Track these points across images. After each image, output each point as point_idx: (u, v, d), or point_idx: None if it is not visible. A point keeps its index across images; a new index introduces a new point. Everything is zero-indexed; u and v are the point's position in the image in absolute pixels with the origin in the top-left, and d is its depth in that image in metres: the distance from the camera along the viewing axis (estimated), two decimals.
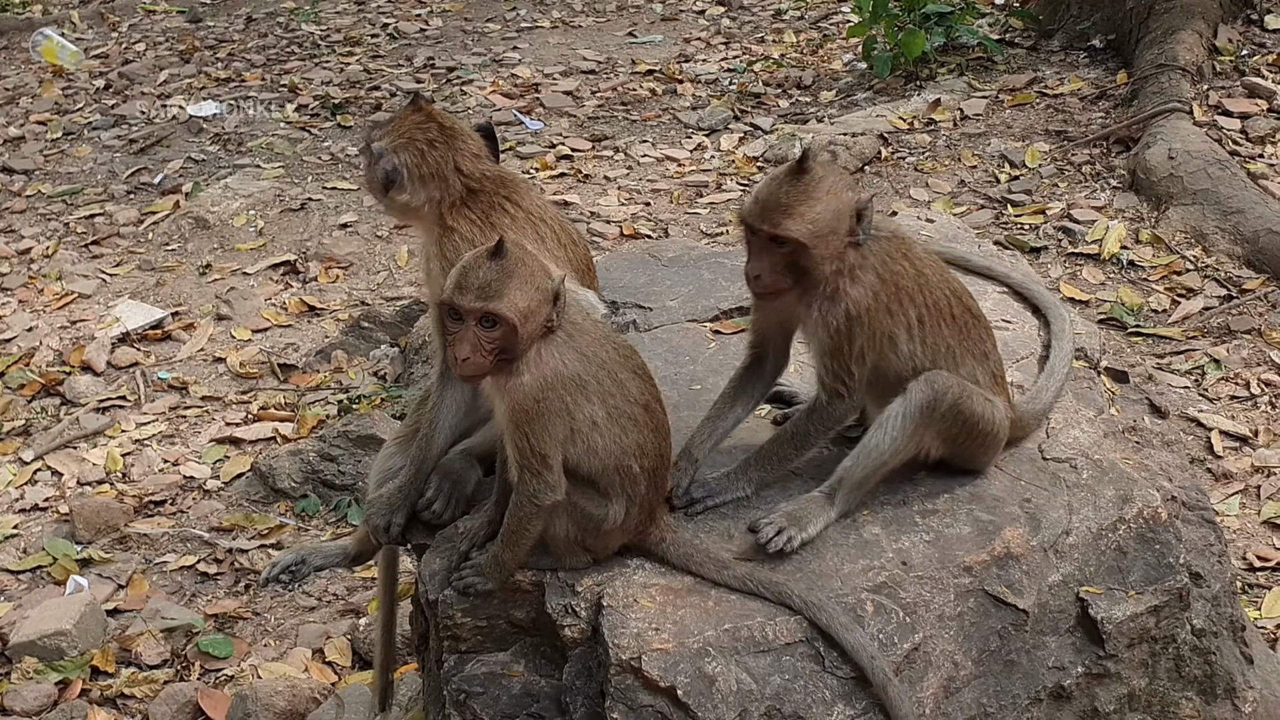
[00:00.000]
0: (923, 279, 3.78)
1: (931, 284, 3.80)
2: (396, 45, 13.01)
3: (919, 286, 3.76)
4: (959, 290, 3.89)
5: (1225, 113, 9.31)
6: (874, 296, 3.68)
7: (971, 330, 3.85)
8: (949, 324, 3.80)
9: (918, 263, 3.80)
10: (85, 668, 5.80)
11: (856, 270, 3.68)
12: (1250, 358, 7.32)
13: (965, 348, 3.81)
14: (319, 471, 6.83)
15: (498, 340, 3.44)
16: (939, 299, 3.79)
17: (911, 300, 3.74)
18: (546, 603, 3.59)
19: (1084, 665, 3.66)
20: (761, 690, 3.35)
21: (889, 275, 3.71)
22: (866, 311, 3.68)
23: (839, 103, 10.77)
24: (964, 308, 3.86)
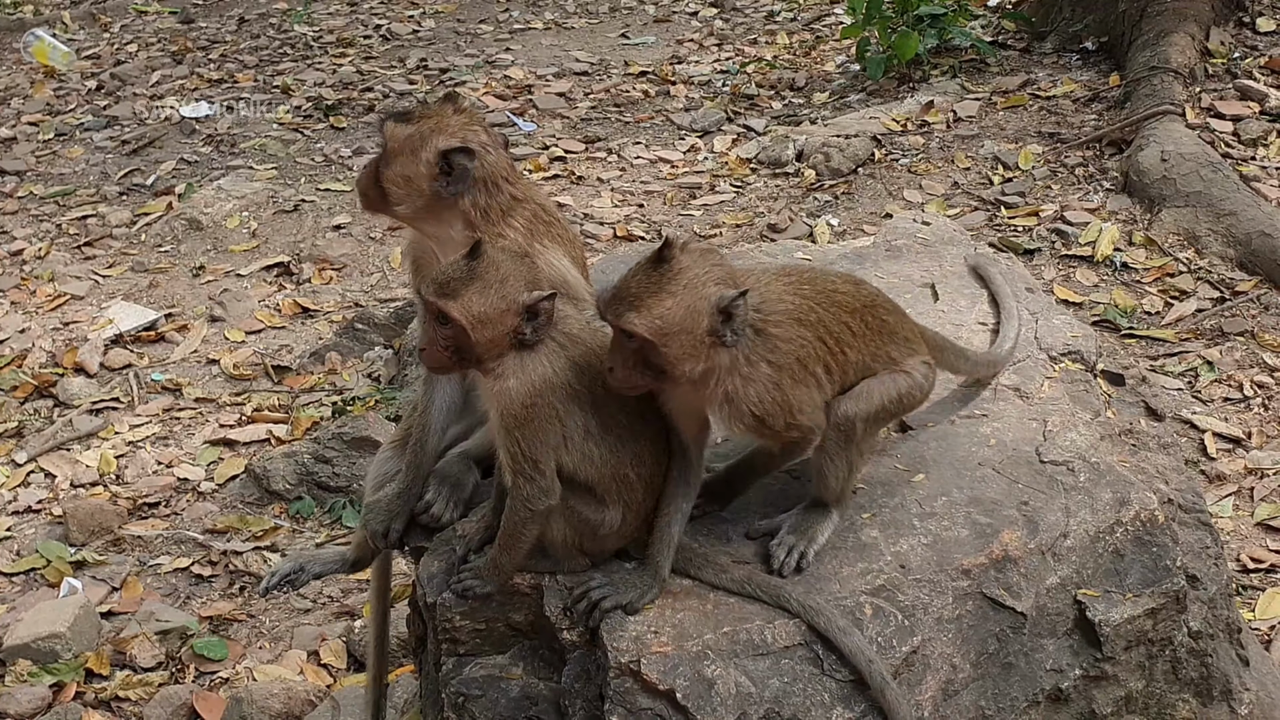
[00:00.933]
0: (819, 328, 3.56)
1: (827, 325, 3.58)
2: (389, 46, 13.01)
3: (819, 339, 3.56)
4: (853, 303, 3.68)
5: (1217, 115, 9.33)
6: (775, 386, 3.46)
7: (873, 326, 3.70)
8: (855, 344, 3.64)
9: (810, 315, 3.55)
10: (79, 670, 5.79)
11: (743, 369, 3.44)
12: (1243, 359, 7.33)
13: (874, 348, 3.70)
14: (313, 473, 6.83)
15: (450, 339, 3.47)
16: (839, 333, 3.60)
17: (817, 358, 3.55)
18: (545, 606, 3.58)
19: (1081, 667, 3.66)
20: (760, 693, 3.35)
21: (785, 357, 3.48)
22: (773, 402, 3.47)
23: (832, 104, 10.78)
24: (861, 316, 3.67)
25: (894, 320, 3.78)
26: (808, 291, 3.60)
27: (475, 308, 3.43)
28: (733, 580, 3.59)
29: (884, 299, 3.83)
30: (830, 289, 3.66)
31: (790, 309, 3.52)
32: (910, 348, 3.79)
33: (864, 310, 3.69)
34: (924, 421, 4.12)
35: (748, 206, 9.19)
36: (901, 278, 4.92)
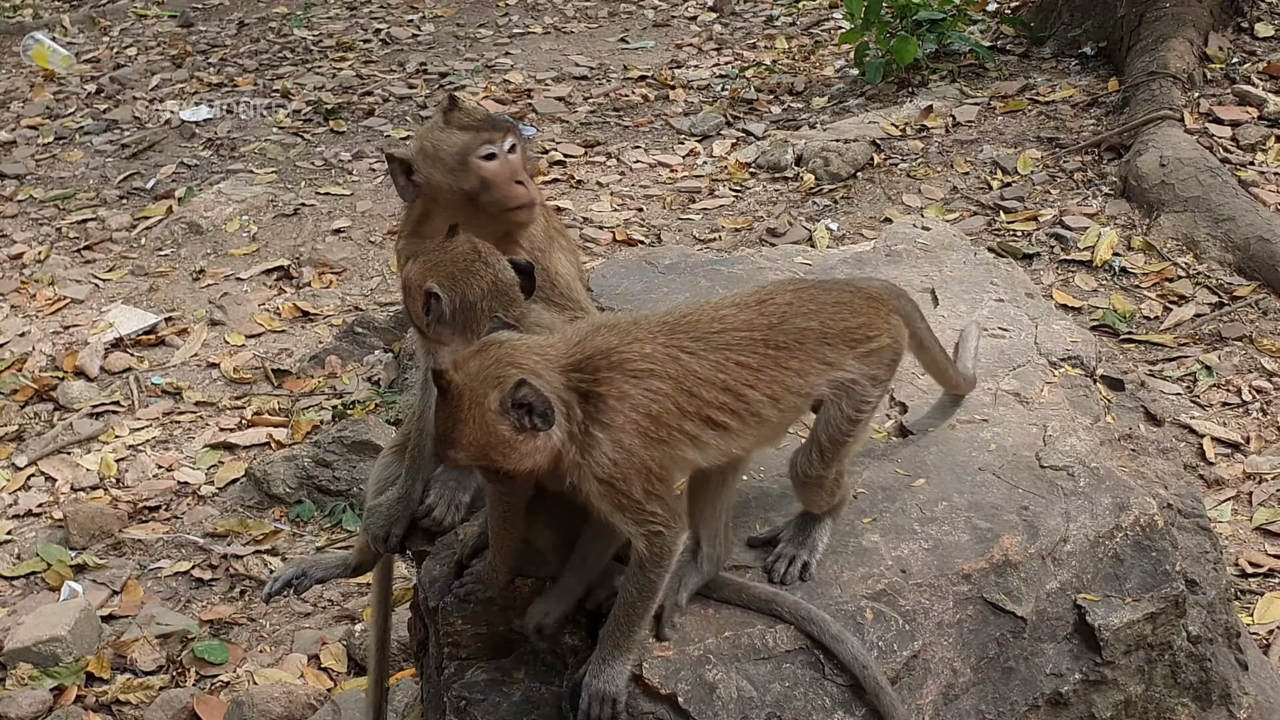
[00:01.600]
0: (682, 380, 3.32)
1: (699, 373, 3.34)
2: (389, 50, 13.02)
3: (682, 390, 3.31)
4: (748, 336, 3.43)
5: (1216, 120, 9.35)
6: (618, 446, 3.25)
7: (786, 344, 3.45)
8: (759, 380, 3.41)
9: (668, 366, 3.32)
10: (80, 674, 5.80)
11: (579, 439, 3.25)
12: (1242, 364, 7.35)
13: (795, 366, 3.45)
14: (314, 477, 6.84)
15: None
16: (723, 379, 3.37)
17: (680, 412, 3.31)
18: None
19: (1081, 672, 3.68)
20: (762, 698, 3.36)
21: (620, 416, 3.26)
22: (623, 464, 3.25)
23: (831, 109, 10.80)
24: (766, 343, 3.44)
25: (820, 321, 3.52)
26: (681, 339, 3.38)
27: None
28: (729, 590, 3.59)
29: (806, 299, 3.56)
30: (716, 330, 3.42)
31: (634, 364, 3.30)
32: (851, 339, 3.54)
33: (770, 332, 3.46)
34: (924, 427, 4.14)
35: (747, 211, 9.21)
36: (902, 283, 4.91)
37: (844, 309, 3.57)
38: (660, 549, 3.30)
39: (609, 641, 3.37)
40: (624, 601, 3.36)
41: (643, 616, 3.36)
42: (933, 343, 4.00)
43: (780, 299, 3.54)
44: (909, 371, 4.40)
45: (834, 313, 3.55)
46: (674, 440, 3.30)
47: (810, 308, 3.54)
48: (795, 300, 3.54)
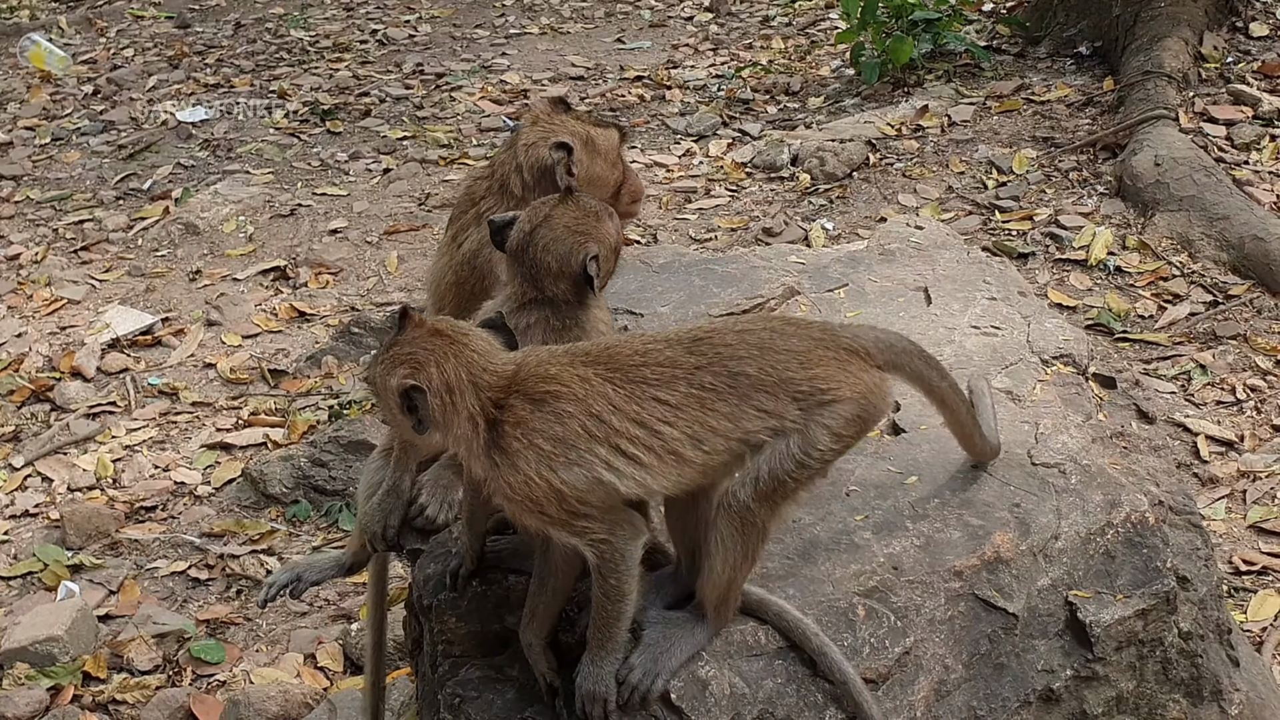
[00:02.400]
0: (594, 406, 3.25)
1: (613, 401, 3.26)
2: (385, 51, 13.04)
3: (591, 415, 3.24)
4: (670, 373, 3.31)
5: (1211, 119, 9.37)
6: (516, 473, 3.21)
7: (713, 386, 3.31)
8: (676, 418, 3.27)
9: (579, 390, 3.25)
10: (77, 673, 5.81)
11: (481, 457, 3.26)
12: (1236, 363, 7.36)
13: (723, 409, 3.30)
14: (310, 477, 6.85)
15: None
16: (636, 411, 3.26)
17: (589, 437, 3.23)
18: None
19: (1073, 668, 3.68)
20: (754, 694, 3.37)
21: (526, 447, 3.22)
22: (528, 489, 3.20)
23: (827, 109, 10.81)
24: (689, 381, 3.31)
25: (759, 366, 3.33)
26: (597, 367, 3.31)
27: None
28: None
29: (751, 342, 3.38)
30: (636, 363, 3.32)
31: (537, 387, 3.26)
32: (795, 391, 3.34)
33: (695, 372, 3.31)
34: (916, 424, 4.15)
35: (743, 210, 9.22)
36: (895, 281, 4.95)
37: (794, 358, 3.36)
38: (609, 556, 3.27)
39: (593, 644, 3.38)
40: (597, 607, 3.35)
41: (618, 618, 3.34)
42: (958, 402, 3.76)
43: (720, 339, 3.38)
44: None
45: (779, 360, 3.35)
46: (586, 463, 3.21)
47: (751, 352, 3.35)
48: (736, 342, 3.37)
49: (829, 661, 3.42)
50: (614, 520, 3.26)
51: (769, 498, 3.32)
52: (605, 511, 3.25)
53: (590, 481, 3.22)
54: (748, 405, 3.32)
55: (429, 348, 3.27)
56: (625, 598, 3.32)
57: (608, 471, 3.23)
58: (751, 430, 3.32)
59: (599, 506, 3.24)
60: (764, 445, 3.33)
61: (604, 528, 3.24)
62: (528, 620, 3.51)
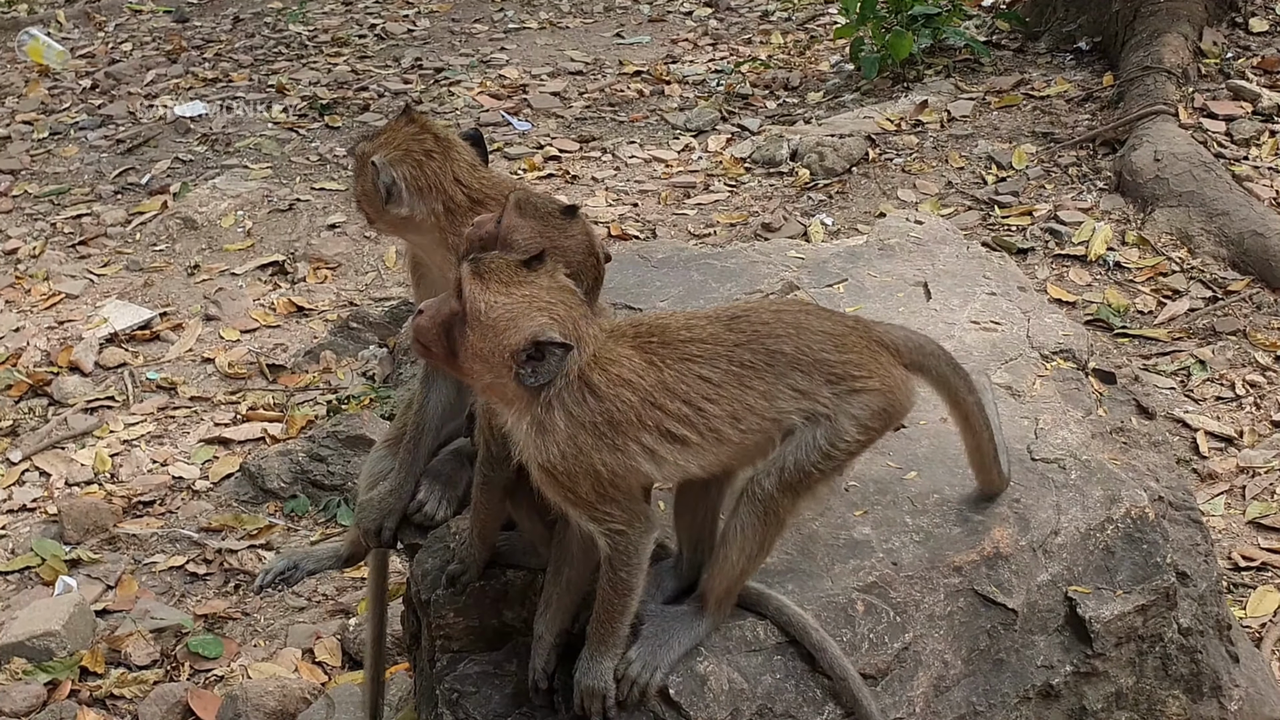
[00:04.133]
0: (650, 389, 3.25)
1: (667, 383, 3.27)
2: (384, 46, 13.02)
3: (644, 401, 3.24)
4: (714, 349, 3.32)
5: (1210, 115, 9.35)
6: (572, 442, 3.19)
7: (753, 363, 3.32)
8: (719, 395, 3.28)
9: (643, 375, 3.26)
10: (74, 668, 5.79)
11: (540, 415, 3.22)
12: (1235, 359, 7.36)
13: (761, 387, 3.31)
14: (308, 472, 6.84)
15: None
16: (684, 390, 3.27)
17: (640, 425, 3.23)
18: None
19: (1072, 664, 3.69)
20: (753, 689, 3.37)
21: (590, 414, 3.20)
22: (569, 462, 3.20)
23: (826, 104, 10.80)
24: (730, 359, 3.32)
25: (795, 345, 3.35)
26: (654, 345, 3.33)
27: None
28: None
29: (788, 322, 3.41)
30: (684, 339, 3.34)
31: (618, 367, 3.27)
32: (830, 373, 3.36)
33: (735, 349, 3.34)
34: (916, 419, 4.13)
35: (742, 206, 9.21)
36: (894, 276, 4.94)
37: (830, 340, 3.39)
38: (623, 548, 3.27)
39: (593, 639, 3.37)
40: (601, 600, 3.35)
41: (622, 614, 3.34)
42: (982, 425, 3.71)
43: (757, 317, 3.41)
44: None
45: (815, 341, 3.37)
46: (629, 452, 3.23)
47: (788, 331, 3.38)
48: (774, 320, 3.40)
49: (828, 657, 3.41)
50: (634, 511, 3.26)
51: (793, 488, 3.35)
52: (630, 500, 3.26)
53: (628, 468, 3.22)
54: (783, 384, 3.34)
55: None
56: (632, 592, 3.32)
57: (648, 461, 3.25)
58: (785, 410, 3.35)
59: (626, 494, 3.25)
60: (792, 433, 3.35)
61: (624, 518, 3.25)
62: (542, 610, 3.51)
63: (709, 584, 3.44)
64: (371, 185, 3.92)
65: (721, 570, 3.40)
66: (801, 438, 3.35)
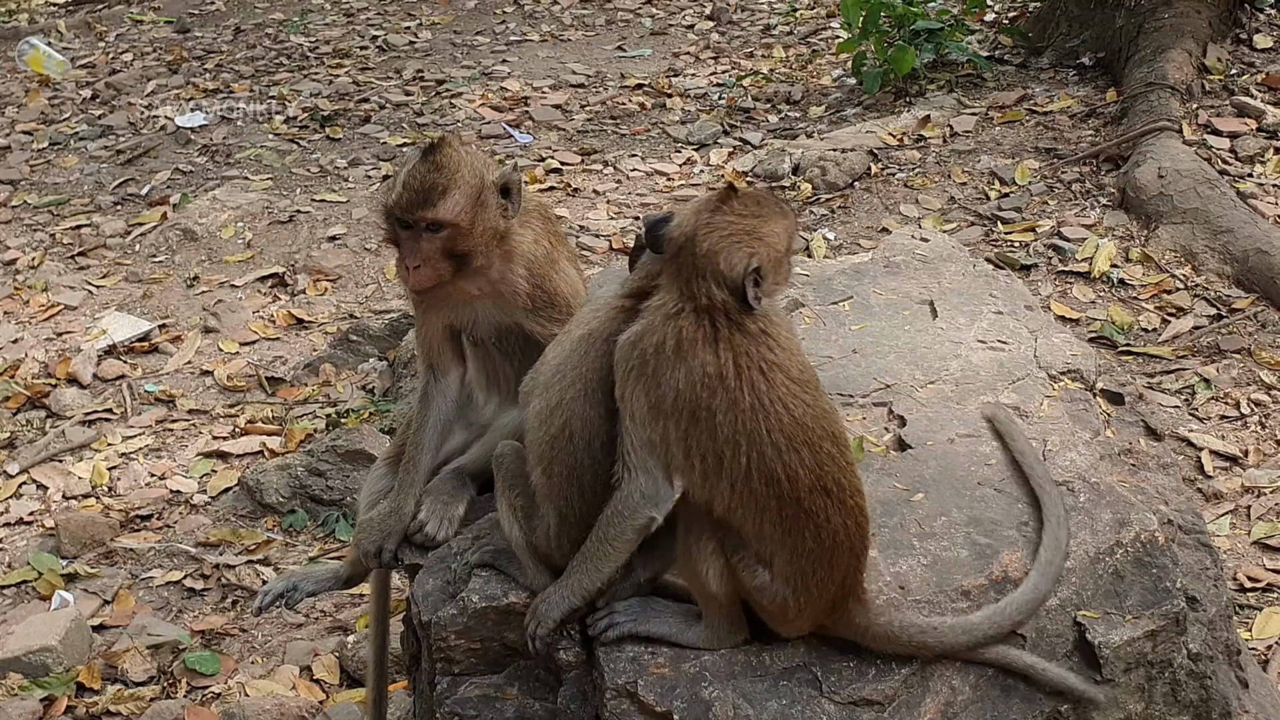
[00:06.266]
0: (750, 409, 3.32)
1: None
2: (386, 57, 13.00)
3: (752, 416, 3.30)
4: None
5: (1214, 131, 9.32)
6: (676, 385, 3.28)
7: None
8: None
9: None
10: (71, 684, 5.75)
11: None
12: (1240, 377, 7.32)
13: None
14: (307, 486, 6.79)
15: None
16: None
17: (716, 431, 3.30)
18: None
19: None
20: (758, 715, 3.32)
21: (707, 377, 3.27)
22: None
23: (828, 118, 10.78)
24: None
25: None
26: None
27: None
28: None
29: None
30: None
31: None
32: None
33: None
34: (923, 440, 4.10)
35: None
36: (900, 294, 4.90)
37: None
38: (619, 495, 3.34)
39: (568, 570, 3.45)
40: (591, 535, 3.41)
41: (597, 562, 3.41)
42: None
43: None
44: (908, 384, 4.37)
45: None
46: (696, 433, 3.25)
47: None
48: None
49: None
50: (659, 487, 3.32)
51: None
52: (662, 472, 3.30)
53: (733, 447, 3.23)
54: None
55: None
56: (611, 548, 3.39)
57: (694, 460, 3.27)
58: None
59: (646, 446, 3.28)
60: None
61: (642, 462, 3.28)
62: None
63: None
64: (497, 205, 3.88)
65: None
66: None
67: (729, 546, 3.32)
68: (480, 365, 4.06)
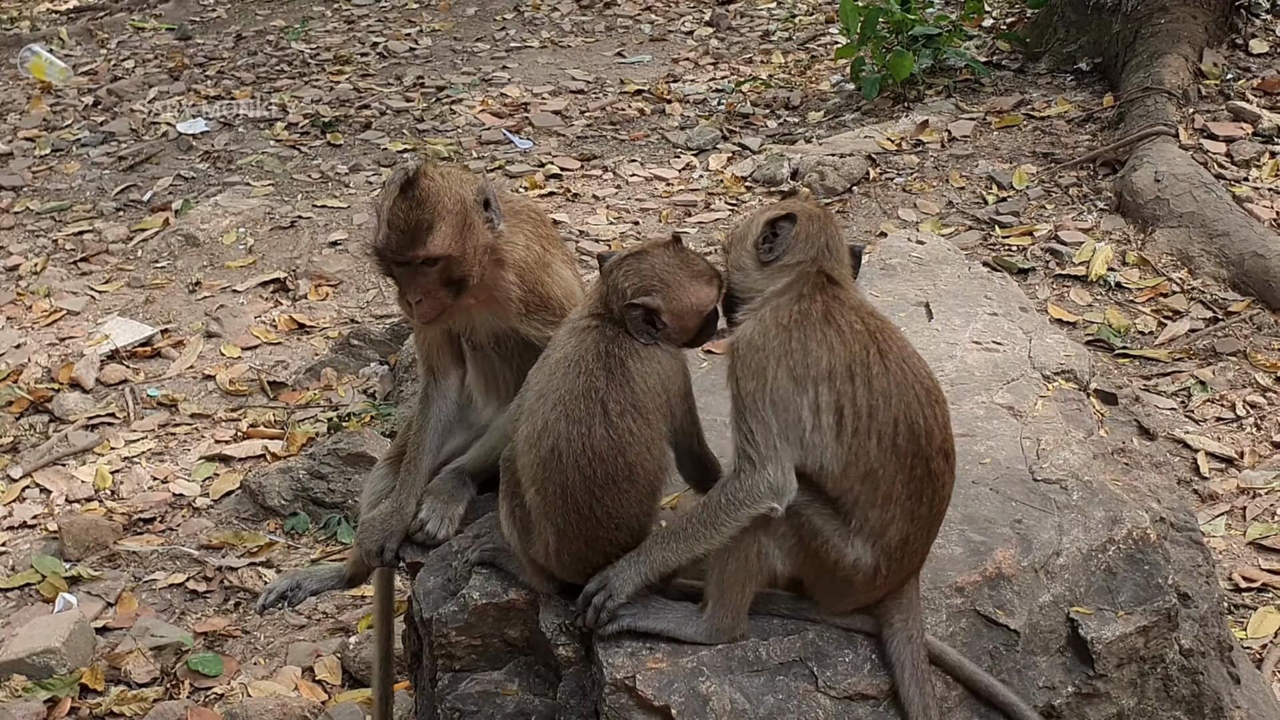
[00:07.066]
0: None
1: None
2: (386, 64, 13.05)
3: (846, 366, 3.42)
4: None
5: (1211, 136, 9.37)
6: (767, 338, 3.43)
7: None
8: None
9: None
10: (74, 686, 5.78)
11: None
12: (1236, 379, 7.35)
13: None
14: (309, 489, 6.83)
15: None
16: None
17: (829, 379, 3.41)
18: (541, 622, 3.59)
19: (1074, 685, 3.68)
20: (755, 710, 3.36)
21: (808, 339, 3.40)
22: (757, 352, 3.44)
23: (827, 123, 10.82)
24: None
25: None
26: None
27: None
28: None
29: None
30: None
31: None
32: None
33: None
34: None
35: None
36: (896, 296, 4.95)
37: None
38: (739, 483, 3.35)
39: (647, 543, 3.47)
40: (689, 516, 3.42)
41: (691, 543, 3.41)
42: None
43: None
44: None
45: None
46: (798, 390, 3.34)
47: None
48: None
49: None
50: (782, 475, 3.34)
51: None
52: (781, 455, 3.33)
53: (798, 420, 3.34)
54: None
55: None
56: (709, 528, 3.38)
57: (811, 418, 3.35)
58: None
59: (775, 431, 3.34)
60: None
61: (765, 447, 3.33)
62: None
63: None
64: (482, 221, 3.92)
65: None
66: None
67: (813, 522, 3.39)
68: (479, 368, 4.09)
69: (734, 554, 3.39)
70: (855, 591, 3.46)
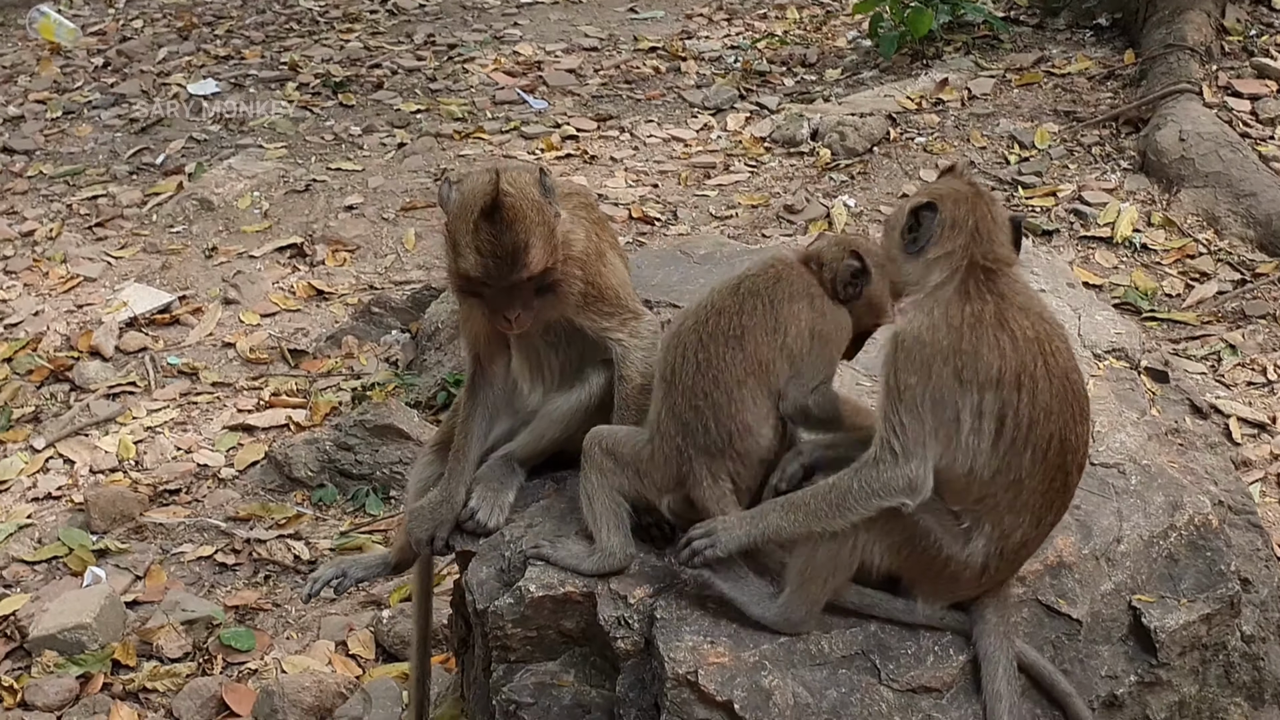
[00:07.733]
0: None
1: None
2: (396, 22, 12.92)
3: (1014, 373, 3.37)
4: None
5: (1235, 94, 9.28)
6: (934, 332, 3.37)
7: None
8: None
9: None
10: (106, 661, 5.75)
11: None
12: (1266, 343, 7.31)
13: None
14: (335, 460, 6.79)
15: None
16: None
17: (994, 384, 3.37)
18: (598, 614, 3.55)
19: (1136, 674, 3.65)
20: (818, 704, 3.34)
21: (974, 324, 3.38)
22: (923, 345, 3.41)
23: (845, 81, 10.72)
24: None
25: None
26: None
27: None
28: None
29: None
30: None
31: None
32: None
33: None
34: None
35: (763, 186, 9.14)
36: None
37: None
38: (876, 473, 3.32)
39: (764, 506, 3.45)
40: (813, 491, 3.40)
41: (810, 519, 3.36)
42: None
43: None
44: None
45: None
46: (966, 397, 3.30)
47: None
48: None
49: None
50: (921, 470, 3.30)
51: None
52: (918, 448, 3.31)
53: (954, 411, 3.30)
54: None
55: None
56: (836, 510, 3.34)
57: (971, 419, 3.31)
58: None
59: (928, 429, 3.30)
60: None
61: (913, 443, 3.29)
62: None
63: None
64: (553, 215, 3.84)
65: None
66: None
67: (927, 521, 3.36)
68: (525, 355, 4.04)
69: (828, 542, 3.35)
70: (960, 587, 3.43)
